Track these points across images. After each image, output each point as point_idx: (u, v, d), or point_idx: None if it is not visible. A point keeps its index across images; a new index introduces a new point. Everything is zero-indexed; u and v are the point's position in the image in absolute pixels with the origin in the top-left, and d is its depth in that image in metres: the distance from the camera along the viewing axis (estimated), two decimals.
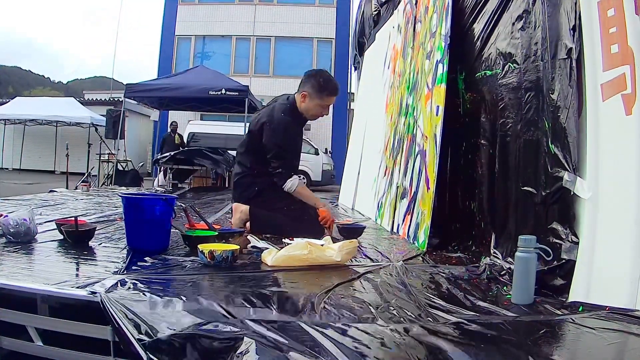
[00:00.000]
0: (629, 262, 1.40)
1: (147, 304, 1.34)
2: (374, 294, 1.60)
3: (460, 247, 2.45)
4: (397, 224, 3.09)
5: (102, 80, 37.30)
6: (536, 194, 1.86)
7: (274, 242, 2.33)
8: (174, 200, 2.23)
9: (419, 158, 2.92)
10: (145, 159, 14.40)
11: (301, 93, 2.72)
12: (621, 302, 1.39)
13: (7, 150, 15.28)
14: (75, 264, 1.86)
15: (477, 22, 2.53)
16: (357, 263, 2.06)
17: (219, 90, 7.77)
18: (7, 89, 37.03)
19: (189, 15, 16.36)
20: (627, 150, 1.46)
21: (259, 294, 1.52)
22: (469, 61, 2.59)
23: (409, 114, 3.33)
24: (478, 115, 2.46)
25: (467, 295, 1.60)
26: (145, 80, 8.44)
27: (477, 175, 2.44)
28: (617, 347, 1.18)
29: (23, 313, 1.45)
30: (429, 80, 2.95)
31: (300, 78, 2.80)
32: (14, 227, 2.10)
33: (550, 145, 1.75)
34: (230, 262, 1.86)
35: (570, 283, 1.56)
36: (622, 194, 1.46)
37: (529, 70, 1.99)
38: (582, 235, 1.57)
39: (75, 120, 13.90)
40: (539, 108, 1.89)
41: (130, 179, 8.37)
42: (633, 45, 1.45)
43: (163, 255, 2.00)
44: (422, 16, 3.33)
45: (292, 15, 16.13)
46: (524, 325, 1.32)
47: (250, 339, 1.11)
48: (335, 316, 1.33)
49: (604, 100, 1.54)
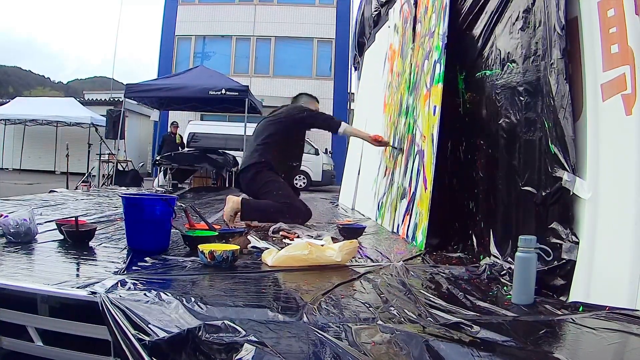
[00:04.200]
0: (629, 262, 1.39)
1: (148, 305, 1.34)
2: (374, 294, 1.60)
3: (460, 247, 2.45)
4: (397, 224, 3.09)
5: (102, 80, 37.33)
6: (536, 194, 1.86)
7: (274, 242, 2.33)
8: (174, 201, 2.23)
9: (418, 158, 2.93)
10: (145, 159, 14.39)
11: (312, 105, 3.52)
12: (621, 302, 1.39)
13: (7, 150, 15.26)
14: (76, 264, 1.86)
15: (477, 21, 2.53)
16: (357, 263, 2.06)
17: (219, 90, 7.76)
18: (7, 89, 37.02)
19: (189, 15, 16.35)
20: (627, 150, 1.45)
21: (259, 294, 1.52)
22: (469, 61, 2.59)
23: (409, 114, 3.33)
24: (478, 115, 2.46)
25: (467, 295, 1.60)
26: (146, 81, 8.43)
27: (477, 175, 2.44)
28: (617, 347, 1.18)
29: (23, 313, 1.45)
30: (427, 80, 2.95)
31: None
32: (14, 227, 2.10)
33: (550, 145, 1.74)
34: (230, 262, 1.86)
35: (570, 283, 1.56)
36: (622, 194, 1.46)
37: (529, 70, 1.99)
38: (582, 235, 1.57)
39: (75, 121, 13.88)
40: (539, 108, 1.89)
41: (131, 179, 8.36)
42: (633, 45, 1.45)
43: (163, 256, 2.00)
44: (422, 16, 3.34)
45: (292, 15, 16.12)
46: (524, 325, 1.32)
47: (250, 345, 1.11)
48: (335, 316, 1.33)
49: (604, 101, 1.54)
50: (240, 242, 2.19)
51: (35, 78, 51.38)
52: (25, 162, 15.23)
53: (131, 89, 8.18)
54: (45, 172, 14.62)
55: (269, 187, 3.01)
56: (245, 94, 7.97)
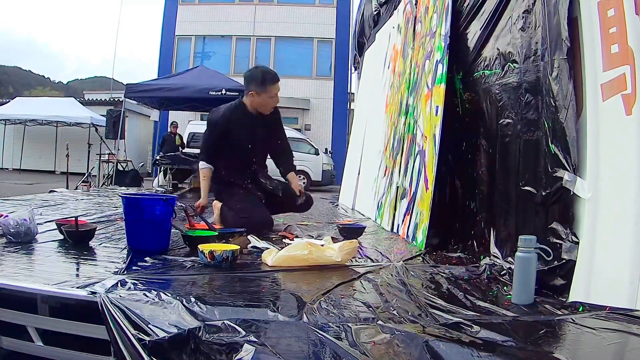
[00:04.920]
0: (629, 262, 1.39)
1: (148, 305, 1.34)
2: (374, 294, 1.60)
3: (460, 247, 2.45)
4: (397, 224, 3.09)
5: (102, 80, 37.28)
6: (536, 194, 1.86)
7: (274, 242, 2.33)
8: (174, 200, 2.23)
9: (418, 158, 2.92)
10: (145, 159, 14.39)
11: (248, 94, 2.89)
12: (621, 302, 1.39)
13: (7, 150, 15.27)
14: (76, 264, 1.86)
15: (475, 21, 2.53)
16: (357, 263, 2.06)
17: (219, 90, 7.76)
18: (8, 89, 37.02)
19: (189, 15, 16.35)
20: (627, 150, 1.45)
21: (259, 294, 1.52)
22: (467, 61, 2.59)
23: (409, 114, 3.33)
24: (478, 115, 2.46)
25: (467, 295, 1.60)
26: (146, 81, 8.43)
27: (477, 175, 2.44)
28: (617, 347, 1.18)
29: (23, 313, 1.45)
30: (428, 80, 2.95)
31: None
32: (14, 227, 2.10)
33: (550, 145, 1.74)
34: (230, 262, 1.86)
35: (570, 283, 1.56)
36: (622, 194, 1.46)
37: (528, 70, 1.99)
38: (582, 235, 1.57)
39: (75, 121, 13.89)
40: (539, 108, 1.89)
41: (131, 179, 8.37)
42: (633, 45, 1.45)
43: (163, 256, 2.00)
44: (423, 16, 3.34)
45: (292, 15, 16.12)
46: (524, 325, 1.32)
47: (250, 345, 1.11)
48: (335, 316, 1.33)
49: (604, 101, 1.54)
50: (240, 242, 2.19)
51: (35, 78, 51.37)
52: (25, 162, 15.23)
53: (131, 89, 8.19)
54: (45, 172, 14.62)
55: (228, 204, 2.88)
56: None
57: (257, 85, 2.83)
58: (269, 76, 2.87)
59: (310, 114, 15.58)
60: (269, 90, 2.84)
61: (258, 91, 2.84)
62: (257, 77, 2.85)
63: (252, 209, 2.78)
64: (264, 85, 2.83)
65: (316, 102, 15.52)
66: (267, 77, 2.85)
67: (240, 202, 2.83)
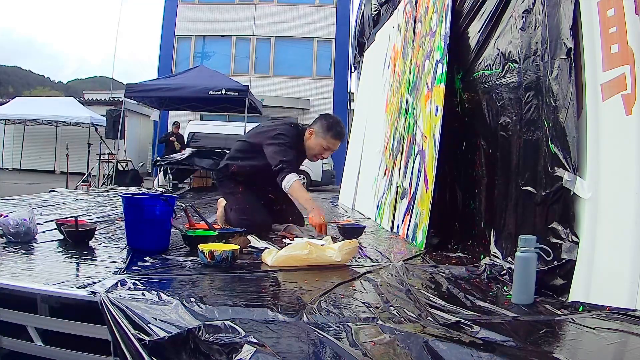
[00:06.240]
0: (629, 262, 1.39)
1: (148, 305, 1.34)
2: (374, 294, 1.60)
3: (460, 247, 2.45)
4: (397, 224, 3.09)
5: (102, 80, 37.33)
6: (536, 194, 1.86)
7: (274, 242, 2.33)
8: (174, 200, 2.23)
9: (418, 158, 2.93)
10: (145, 159, 14.39)
11: (309, 129, 2.80)
12: (621, 302, 1.39)
13: (7, 150, 15.26)
14: (76, 264, 1.86)
15: (475, 21, 2.53)
16: (357, 263, 2.06)
17: (219, 90, 7.75)
18: (7, 89, 37.01)
19: (189, 15, 16.35)
20: (627, 150, 1.46)
21: (259, 294, 1.52)
22: (467, 61, 2.59)
23: (409, 114, 3.33)
24: (478, 115, 2.46)
25: (467, 295, 1.60)
26: (146, 80, 8.42)
27: (477, 175, 2.44)
28: (617, 347, 1.18)
29: (23, 313, 1.45)
30: (428, 80, 2.95)
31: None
32: (14, 227, 2.10)
33: (551, 145, 1.75)
34: (230, 262, 1.86)
35: (570, 283, 1.56)
36: (622, 194, 1.46)
37: (528, 70, 1.99)
38: (582, 235, 1.57)
39: (75, 120, 13.88)
40: (539, 108, 1.89)
41: (131, 179, 8.36)
42: (633, 45, 1.45)
43: (163, 255, 2.00)
44: (422, 16, 3.34)
45: (292, 15, 16.12)
46: (524, 325, 1.32)
47: (250, 346, 1.11)
48: (335, 316, 1.33)
49: (604, 100, 1.54)
50: (240, 242, 2.19)
51: (35, 78, 51.38)
52: (25, 162, 15.23)
53: (131, 88, 8.18)
54: (45, 172, 14.62)
55: (229, 200, 2.90)
56: (245, 94, 7.96)
57: (322, 128, 2.76)
58: (337, 129, 2.77)
59: (310, 113, 15.54)
60: (327, 140, 2.75)
61: (319, 133, 2.76)
62: (328, 123, 2.77)
63: (250, 210, 2.78)
64: (328, 133, 2.75)
65: (316, 102, 15.52)
66: (335, 129, 2.76)
67: (240, 202, 2.84)
